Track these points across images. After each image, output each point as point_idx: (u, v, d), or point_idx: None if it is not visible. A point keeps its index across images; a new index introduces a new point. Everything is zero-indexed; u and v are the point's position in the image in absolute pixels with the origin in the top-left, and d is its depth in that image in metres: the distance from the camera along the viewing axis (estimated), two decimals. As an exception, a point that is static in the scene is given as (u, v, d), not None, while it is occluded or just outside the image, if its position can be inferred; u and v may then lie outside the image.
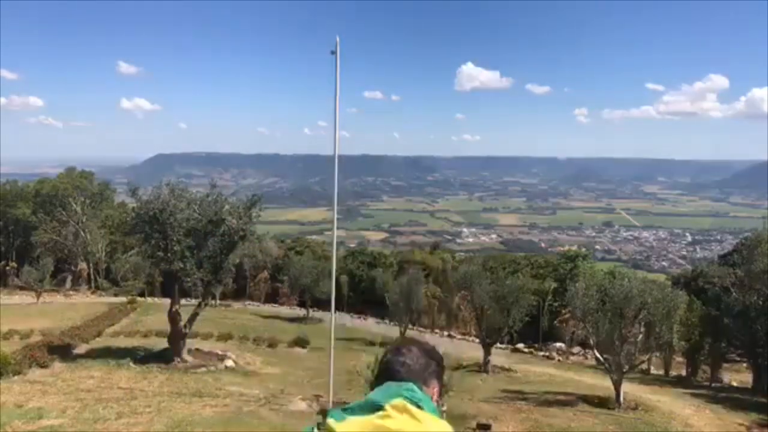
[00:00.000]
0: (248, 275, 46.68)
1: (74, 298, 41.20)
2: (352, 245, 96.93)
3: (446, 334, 36.73)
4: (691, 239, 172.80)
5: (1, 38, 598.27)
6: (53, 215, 49.83)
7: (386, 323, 37.25)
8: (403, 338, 1.88)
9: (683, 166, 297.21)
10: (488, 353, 23.53)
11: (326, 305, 30.53)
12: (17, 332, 23.41)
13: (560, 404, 16.52)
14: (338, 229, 16.12)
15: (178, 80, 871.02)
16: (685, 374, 28.00)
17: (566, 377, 23.45)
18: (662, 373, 28.44)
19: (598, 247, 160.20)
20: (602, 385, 19.06)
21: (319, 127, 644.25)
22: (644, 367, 25.36)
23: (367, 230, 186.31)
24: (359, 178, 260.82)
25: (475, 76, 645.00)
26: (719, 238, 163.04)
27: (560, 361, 30.02)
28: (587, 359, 29.61)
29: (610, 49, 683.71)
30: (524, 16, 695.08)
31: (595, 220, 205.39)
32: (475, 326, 27.98)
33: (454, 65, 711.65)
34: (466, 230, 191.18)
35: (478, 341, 25.70)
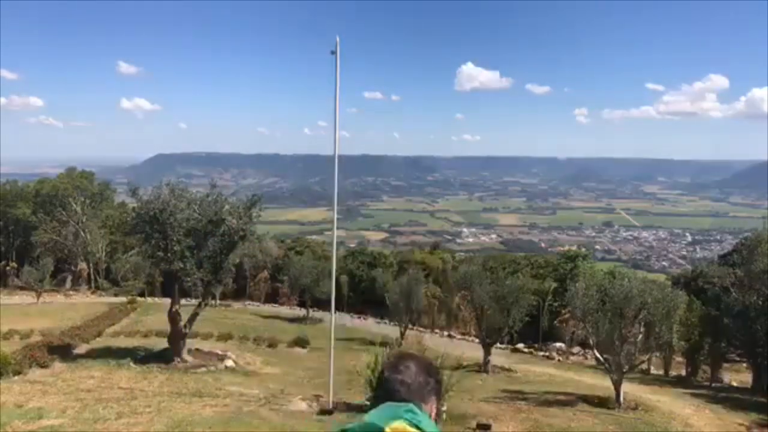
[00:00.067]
0: (248, 275, 46.70)
1: (74, 298, 41.21)
2: (352, 245, 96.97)
3: (446, 334, 36.74)
4: (691, 239, 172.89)
5: (1, 38, 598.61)
6: (53, 215, 49.85)
7: (386, 323, 37.28)
8: (400, 353, 1.84)
9: (683, 166, 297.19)
10: (488, 353, 23.54)
11: (326, 305, 30.53)
12: (17, 332, 23.42)
13: (560, 404, 16.52)
14: (338, 229, 16.13)
15: (178, 80, 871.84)
16: (685, 374, 28.01)
17: (566, 377, 23.45)
18: (662, 373, 28.45)
19: (598, 247, 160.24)
20: (602, 385, 19.06)
21: (319, 127, 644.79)
22: (644, 367, 25.36)
23: (367, 230, 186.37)
24: (359, 178, 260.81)
25: (475, 76, 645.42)
26: (719, 238, 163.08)
27: (560, 361, 30.04)
28: (587, 359, 29.62)
29: (610, 49, 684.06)
30: (524, 16, 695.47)
31: (595, 220, 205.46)
32: (475, 326, 27.99)
33: (454, 65, 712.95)
34: (466, 230, 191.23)
35: (478, 341, 25.71)
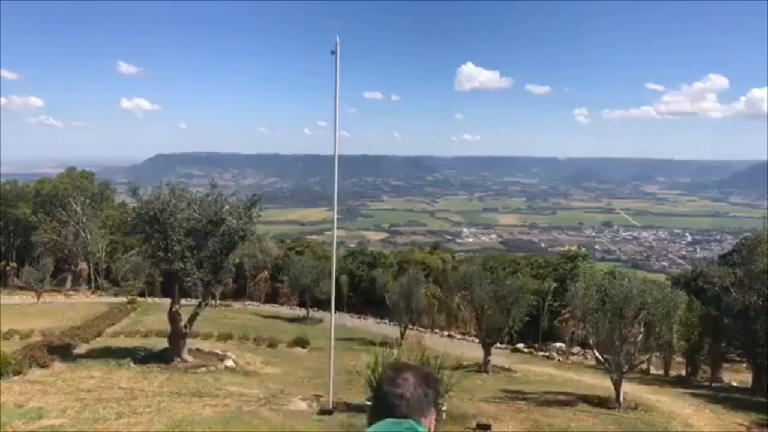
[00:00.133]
0: (248, 275, 46.72)
1: (74, 298, 41.22)
2: (352, 245, 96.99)
3: (446, 334, 36.76)
4: (690, 239, 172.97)
5: (1, 38, 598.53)
6: (53, 215, 49.87)
7: (386, 323, 37.30)
8: (397, 365, 1.82)
9: (683, 166, 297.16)
10: (488, 353, 23.54)
11: (326, 305, 30.54)
12: (17, 332, 23.42)
13: (560, 404, 16.52)
14: (338, 229, 16.13)
15: (178, 80, 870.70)
16: (684, 374, 28.02)
17: (566, 377, 23.45)
18: (662, 373, 28.46)
19: (597, 247, 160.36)
20: (602, 385, 19.06)
21: (319, 127, 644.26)
22: (644, 367, 25.36)
23: (367, 230, 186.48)
24: (359, 178, 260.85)
25: (475, 76, 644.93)
26: (719, 238, 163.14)
27: (560, 361, 30.05)
28: (587, 359, 29.63)
29: (610, 49, 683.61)
30: (524, 16, 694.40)
31: (594, 220, 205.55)
32: (475, 326, 28.00)
33: (454, 65, 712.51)
34: (466, 230, 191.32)
35: (478, 341, 25.70)
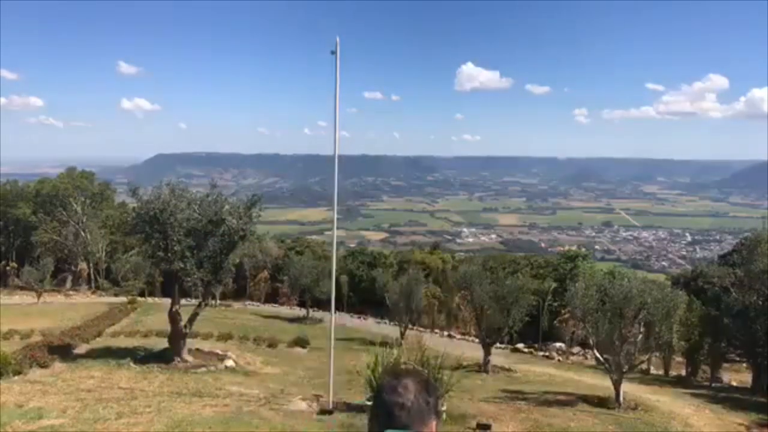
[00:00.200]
0: (248, 275, 46.73)
1: (74, 298, 41.22)
2: (352, 245, 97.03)
3: (446, 334, 36.77)
4: (690, 239, 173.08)
5: (1, 38, 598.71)
6: (53, 215, 49.89)
7: (386, 323, 37.31)
8: (396, 371, 1.76)
9: (683, 166, 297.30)
10: (488, 353, 23.53)
11: (326, 305, 30.54)
12: (17, 332, 23.40)
13: (560, 404, 16.51)
14: (338, 229, 16.13)
15: (178, 80, 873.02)
16: (684, 374, 28.03)
17: (566, 377, 23.44)
18: (662, 373, 28.47)
19: (597, 247, 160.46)
20: (602, 385, 19.06)
21: (319, 127, 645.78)
22: (644, 367, 25.37)
23: (367, 230, 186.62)
24: (359, 178, 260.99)
25: (474, 76, 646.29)
26: (719, 238, 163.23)
27: (560, 361, 30.05)
28: (587, 359, 29.64)
29: (610, 49, 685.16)
30: (524, 16, 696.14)
31: (594, 220, 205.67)
32: (475, 326, 27.98)
33: (454, 65, 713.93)
34: (466, 230, 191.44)
35: (478, 341, 25.69)
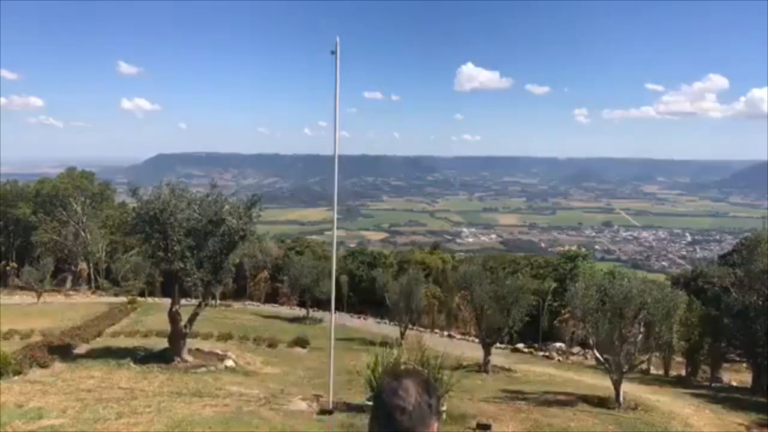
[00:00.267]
0: (248, 275, 46.72)
1: (74, 298, 41.21)
2: (352, 245, 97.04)
3: (446, 334, 36.77)
4: (690, 239, 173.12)
5: (1, 38, 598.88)
6: (53, 215, 49.89)
7: (386, 323, 37.31)
8: (396, 372, 1.75)
9: (683, 166, 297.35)
10: (488, 353, 23.53)
11: (326, 305, 30.54)
12: (17, 332, 23.40)
13: (560, 404, 16.51)
14: (338, 229, 16.13)
15: (178, 80, 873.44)
16: (684, 374, 28.03)
17: (566, 377, 23.44)
18: (662, 373, 28.47)
19: (597, 247, 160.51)
20: (602, 385, 19.06)
21: (319, 127, 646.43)
22: (644, 367, 25.37)
23: (367, 230, 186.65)
24: (359, 178, 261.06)
25: (474, 76, 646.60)
26: (719, 238, 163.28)
27: (560, 361, 30.05)
28: (587, 359, 29.64)
29: (609, 49, 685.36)
30: (524, 16, 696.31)
31: (594, 220, 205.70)
32: (475, 326, 27.99)
33: (453, 65, 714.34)
34: (466, 230, 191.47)
35: (478, 341, 25.69)
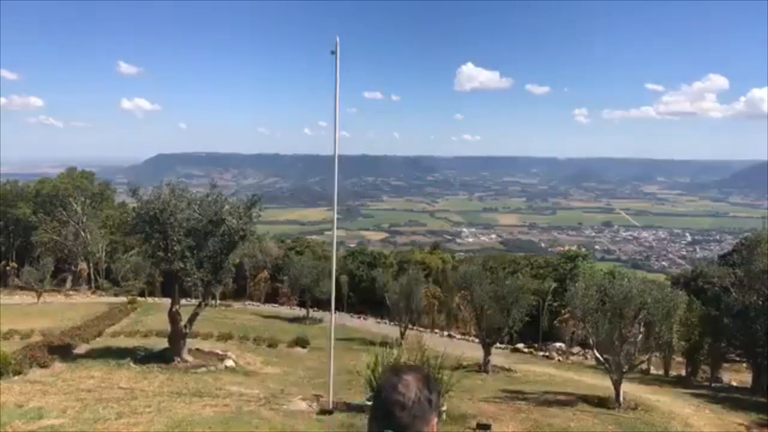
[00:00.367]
0: (248, 275, 46.72)
1: (74, 298, 41.21)
2: (352, 245, 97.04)
3: (446, 334, 36.77)
4: (690, 239, 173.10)
5: (1, 38, 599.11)
6: (53, 215, 49.88)
7: (386, 323, 37.32)
8: (396, 367, 1.75)
9: (683, 166, 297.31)
10: (488, 353, 23.53)
11: (326, 305, 30.54)
12: (17, 332, 23.41)
13: (560, 404, 16.51)
14: (338, 229, 16.14)
15: (178, 80, 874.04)
16: (684, 374, 28.02)
17: (566, 377, 23.44)
18: (662, 373, 28.47)
19: (597, 247, 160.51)
20: (602, 385, 19.06)
21: (319, 127, 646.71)
22: (644, 367, 25.37)
23: (367, 230, 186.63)
24: (359, 178, 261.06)
25: (474, 76, 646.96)
26: (719, 238, 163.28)
27: (560, 361, 30.05)
28: (587, 359, 29.65)
29: (609, 49, 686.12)
30: (524, 16, 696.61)
31: (594, 220, 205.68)
32: (475, 326, 27.99)
33: (453, 65, 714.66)
34: (466, 230, 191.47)
35: (478, 341, 25.70)
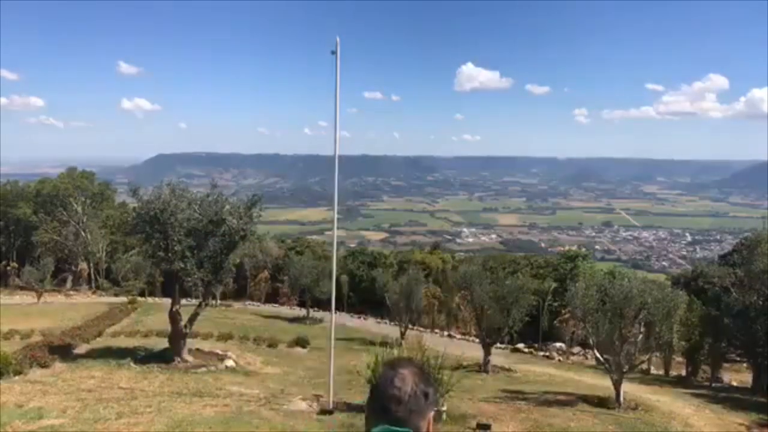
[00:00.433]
0: (248, 275, 46.71)
1: (75, 298, 41.22)
2: (352, 245, 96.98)
3: (446, 334, 36.77)
4: (690, 239, 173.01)
5: (1, 38, 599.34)
6: (54, 215, 49.88)
7: (386, 323, 37.32)
8: (393, 361, 1.73)
9: (683, 166, 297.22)
10: (488, 353, 23.54)
11: (326, 305, 30.55)
12: (18, 332, 23.43)
13: (560, 404, 16.52)
14: (338, 229, 16.14)
15: (178, 80, 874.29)
16: (685, 374, 28.03)
17: (566, 377, 23.45)
18: (662, 373, 28.47)
19: (597, 247, 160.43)
20: (602, 385, 19.07)
21: (319, 127, 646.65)
22: (644, 367, 25.37)
23: (367, 230, 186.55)
24: (359, 178, 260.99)
25: (474, 76, 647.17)
26: (719, 238, 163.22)
27: (560, 361, 30.06)
28: (587, 359, 29.65)
29: (609, 49, 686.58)
30: (524, 16, 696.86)
31: (594, 220, 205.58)
32: (475, 326, 28.00)
33: (454, 65, 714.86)
34: (466, 230, 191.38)
35: (478, 341, 25.71)
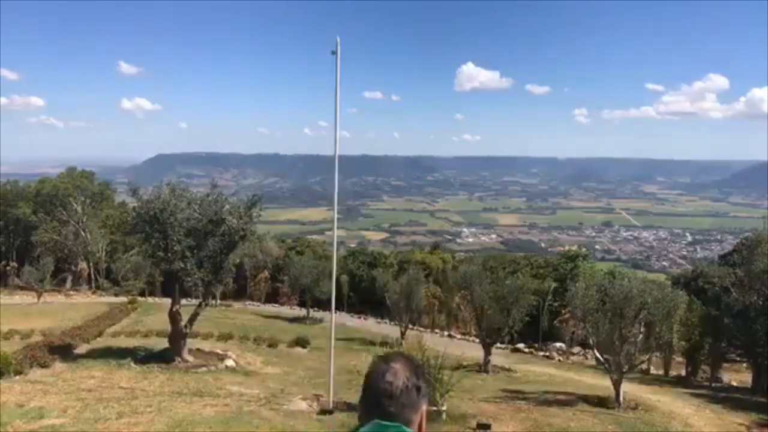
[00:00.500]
0: (248, 275, 46.70)
1: (75, 298, 41.23)
2: (352, 245, 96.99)
3: (446, 334, 36.77)
4: (691, 239, 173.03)
5: (1, 38, 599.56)
6: (54, 215, 49.87)
7: (386, 323, 37.33)
8: (385, 356, 1.74)
9: (683, 166, 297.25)
10: (488, 353, 23.55)
11: (326, 305, 30.56)
12: (18, 332, 23.44)
13: (560, 404, 16.53)
14: (338, 229, 16.15)
15: (178, 80, 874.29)
16: (685, 374, 28.04)
17: (566, 377, 23.47)
18: (662, 373, 28.48)
19: (598, 247, 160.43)
20: (602, 385, 19.08)
21: (319, 127, 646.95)
22: (644, 367, 25.38)
23: (367, 230, 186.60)
24: (359, 178, 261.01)
25: (474, 76, 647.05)
26: (719, 238, 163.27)
27: (560, 361, 30.07)
28: (587, 359, 29.66)
29: (609, 49, 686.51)
30: (524, 16, 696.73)
31: (594, 220, 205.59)
32: (475, 326, 28.00)
33: (454, 65, 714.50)
34: (466, 230, 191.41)
35: (478, 341, 25.72)
